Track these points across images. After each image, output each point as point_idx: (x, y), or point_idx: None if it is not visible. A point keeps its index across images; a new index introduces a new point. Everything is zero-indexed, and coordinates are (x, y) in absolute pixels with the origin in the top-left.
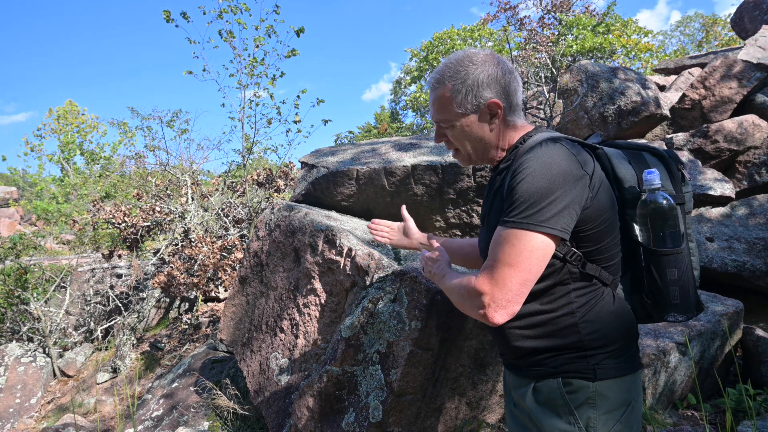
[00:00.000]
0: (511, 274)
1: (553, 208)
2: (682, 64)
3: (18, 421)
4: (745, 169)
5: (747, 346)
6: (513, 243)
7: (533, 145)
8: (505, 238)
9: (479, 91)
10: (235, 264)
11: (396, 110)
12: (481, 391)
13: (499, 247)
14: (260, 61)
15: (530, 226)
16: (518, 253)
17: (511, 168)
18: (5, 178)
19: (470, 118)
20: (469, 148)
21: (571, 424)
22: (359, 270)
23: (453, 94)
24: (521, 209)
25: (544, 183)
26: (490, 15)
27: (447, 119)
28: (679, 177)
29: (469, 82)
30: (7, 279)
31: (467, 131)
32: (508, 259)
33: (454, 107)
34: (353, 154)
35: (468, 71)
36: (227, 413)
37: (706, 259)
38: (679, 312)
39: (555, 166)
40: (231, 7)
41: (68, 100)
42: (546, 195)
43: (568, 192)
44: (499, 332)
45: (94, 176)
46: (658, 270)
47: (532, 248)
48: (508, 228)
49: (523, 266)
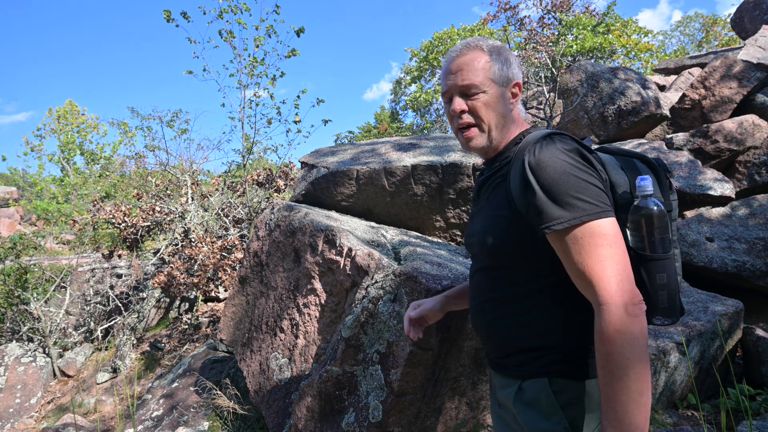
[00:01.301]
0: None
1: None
2: (682, 64)
3: (18, 421)
4: (745, 169)
5: (747, 346)
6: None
7: (539, 140)
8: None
9: (512, 68)
10: (235, 264)
11: (396, 110)
12: (481, 391)
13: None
14: (260, 61)
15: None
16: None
17: (513, 165)
18: (5, 178)
19: (500, 90)
20: (493, 121)
21: (557, 423)
22: (359, 270)
23: (491, 63)
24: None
25: (574, 173)
26: (490, 15)
27: (479, 84)
28: (667, 185)
29: (504, 56)
30: (7, 279)
31: (494, 102)
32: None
33: (490, 74)
34: (353, 154)
35: (502, 48)
36: (227, 413)
37: (706, 259)
38: (666, 316)
39: (574, 156)
40: (231, 7)
41: (68, 100)
42: (581, 184)
43: (595, 177)
44: (487, 331)
45: (94, 176)
46: (648, 274)
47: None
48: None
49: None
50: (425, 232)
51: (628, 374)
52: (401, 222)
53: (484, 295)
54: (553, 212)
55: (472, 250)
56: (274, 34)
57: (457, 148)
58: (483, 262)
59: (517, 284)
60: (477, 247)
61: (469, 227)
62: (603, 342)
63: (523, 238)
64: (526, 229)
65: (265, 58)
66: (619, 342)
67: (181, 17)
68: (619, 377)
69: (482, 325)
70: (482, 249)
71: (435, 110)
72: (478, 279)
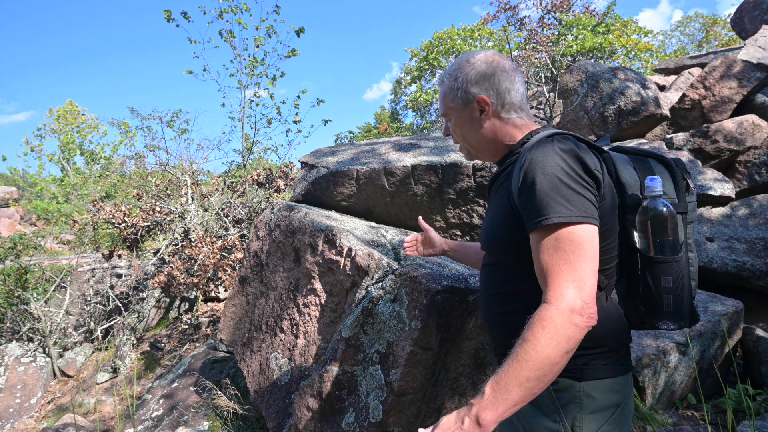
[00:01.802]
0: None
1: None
2: (682, 64)
3: (18, 421)
4: (745, 169)
5: (747, 346)
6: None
7: (540, 139)
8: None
9: (467, 87)
10: (235, 264)
11: (396, 110)
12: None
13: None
14: (260, 61)
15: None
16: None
17: (517, 163)
18: (5, 178)
19: (462, 112)
20: (466, 141)
21: (557, 422)
22: (359, 270)
23: (448, 90)
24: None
25: (559, 175)
26: (490, 15)
27: (445, 113)
28: (683, 186)
29: (460, 79)
30: (7, 279)
31: (462, 126)
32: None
33: (449, 102)
34: (353, 154)
35: (461, 69)
36: (227, 413)
37: (706, 259)
38: (672, 320)
39: (566, 159)
40: (231, 7)
41: (68, 100)
42: (562, 187)
43: (581, 184)
44: (494, 325)
45: (94, 176)
46: (653, 277)
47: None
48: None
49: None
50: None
51: (531, 362)
52: (401, 222)
53: (491, 289)
54: (536, 212)
55: (482, 247)
56: (274, 34)
57: (457, 148)
58: (490, 258)
59: (519, 281)
60: (484, 244)
61: (483, 224)
62: (527, 329)
63: (522, 236)
64: (524, 226)
65: (265, 58)
66: (542, 337)
67: (182, 17)
68: (522, 360)
69: (490, 319)
70: (488, 245)
71: (435, 110)
72: (485, 273)
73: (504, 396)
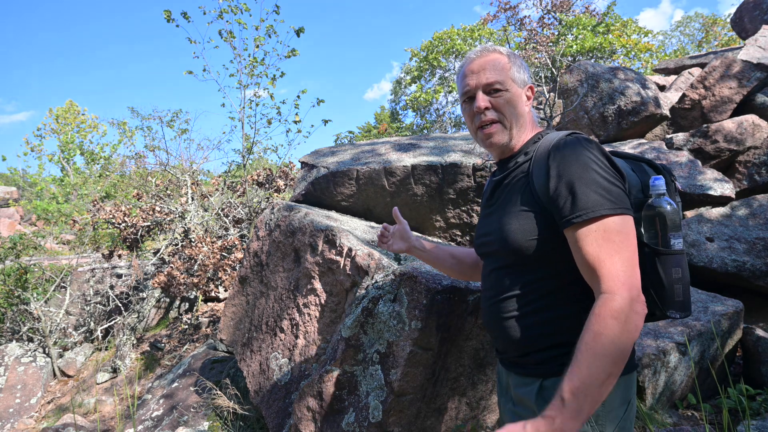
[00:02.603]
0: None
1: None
2: (682, 64)
3: (18, 421)
4: (745, 169)
5: (747, 346)
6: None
7: (561, 137)
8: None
9: (527, 72)
10: (235, 264)
11: (396, 110)
12: (481, 391)
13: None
14: (260, 61)
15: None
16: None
17: (535, 162)
18: (5, 178)
19: (519, 90)
20: (514, 119)
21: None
22: (359, 270)
23: (510, 63)
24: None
25: (597, 169)
26: (490, 15)
27: (502, 81)
28: (673, 188)
29: (520, 60)
30: (7, 279)
31: (516, 101)
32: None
33: (510, 74)
34: (353, 154)
35: (517, 54)
36: (227, 413)
37: (706, 259)
38: (680, 309)
39: (596, 154)
40: (231, 7)
41: (68, 100)
42: (602, 180)
43: (616, 177)
44: (504, 329)
45: (94, 176)
46: (664, 269)
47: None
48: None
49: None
50: (425, 232)
51: (610, 356)
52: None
53: (503, 293)
54: (575, 205)
55: (486, 249)
56: (274, 34)
57: (457, 148)
58: (501, 260)
59: (537, 282)
60: (495, 246)
61: (481, 228)
62: (597, 322)
63: (546, 234)
64: (550, 224)
65: (265, 58)
66: (616, 328)
67: (182, 17)
68: (601, 356)
69: (498, 324)
70: (502, 247)
71: (435, 110)
72: (495, 277)
73: (588, 399)
